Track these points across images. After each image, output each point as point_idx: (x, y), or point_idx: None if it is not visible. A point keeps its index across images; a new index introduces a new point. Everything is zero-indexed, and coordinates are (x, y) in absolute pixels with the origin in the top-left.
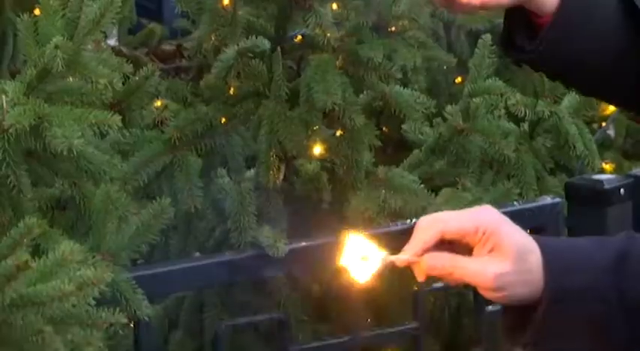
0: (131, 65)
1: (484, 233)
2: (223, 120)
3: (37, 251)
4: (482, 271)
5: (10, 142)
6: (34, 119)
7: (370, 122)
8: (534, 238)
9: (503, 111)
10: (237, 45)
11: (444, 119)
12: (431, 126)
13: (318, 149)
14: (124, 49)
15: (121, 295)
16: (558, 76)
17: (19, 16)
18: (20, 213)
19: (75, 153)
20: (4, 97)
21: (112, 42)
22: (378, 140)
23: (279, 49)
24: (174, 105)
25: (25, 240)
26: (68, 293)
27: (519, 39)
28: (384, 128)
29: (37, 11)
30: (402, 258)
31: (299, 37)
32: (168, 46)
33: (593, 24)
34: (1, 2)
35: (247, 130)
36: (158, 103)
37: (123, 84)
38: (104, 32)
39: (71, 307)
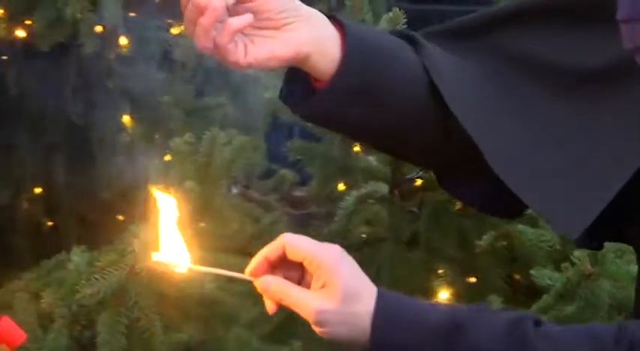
0: (261, 210)
1: (318, 267)
2: None
3: None
4: (307, 304)
5: (143, 285)
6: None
7: (498, 268)
8: (378, 289)
9: (632, 256)
10: (358, 190)
11: (572, 264)
12: (559, 271)
13: (445, 294)
14: (255, 195)
15: None
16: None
17: (150, 161)
18: None
19: (208, 298)
20: (136, 241)
21: (243, 188)
22: (506, 285)
23: (397, 192)
24: None
25: None
26: None
27: (297, 93)
28: (513, 274)
29: (168, 156)
30: (239, 275)
31: (418, 180)
32: (299, 192)
33: (381, 89)
34: (133, 147)
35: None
36: None
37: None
38: (235, 177)
39: None
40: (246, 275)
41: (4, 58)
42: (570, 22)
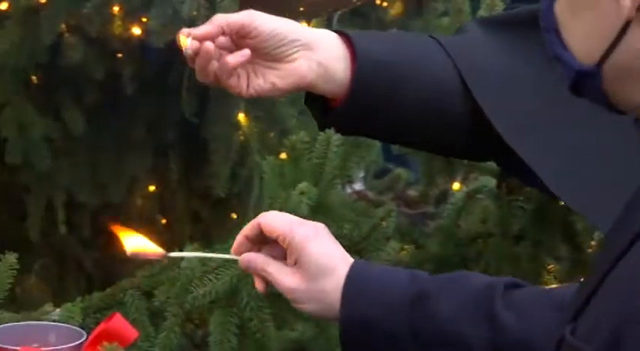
0: (376, 210)
1: (289, 244)
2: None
3: None
4: (280, 282)
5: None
6: None
7: None
8: (353, 262)
9: None
10: (467, 186)
11: None
12: None
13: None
14: (370, 194)
15: None
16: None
17: (265, 160)
18: None
19: None
20: None
21: (358, 186)
22: None
23: (504, 187)
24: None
25: None
26: None
27: (317, 108)
28: None
29: (283, 155)
30: (224, 256)
31: None
32: (413, 192)
33: (398, 104)
34: (247, 145)
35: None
36: (393, 245)
37: None
38: (350, 176)
39: None
40: (231, 255)
41: (120, 55)
42: None
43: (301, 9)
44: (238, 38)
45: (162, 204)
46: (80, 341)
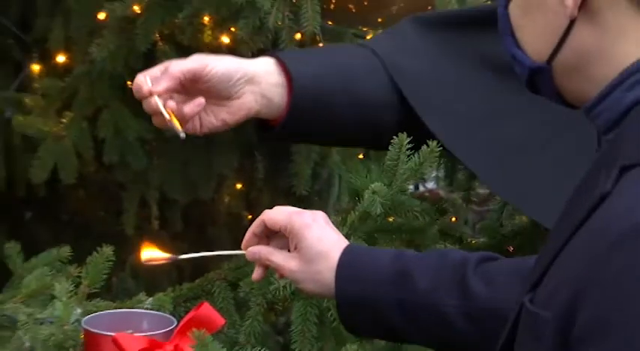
0: (447, 209)
1: (290, 232)
2: None
3: None
4: (282, 266)
5: None
6: None
7: None
8: (345, 246)
9: None
10: None
11: None
12: None
13: None
14: (442, 193)
15: None
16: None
17: (344, 162)
18: (341, 340)
19: None
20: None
21: (431, 185)
22: None
23: None
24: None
25: None
26: None
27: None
28: None
29: (360, 156)
30: (232, 252)
31: None
32: (482, 190)
33: (332, 113)
34: (328, 148)
35: None
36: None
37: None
38: (423, 177)
39: None
40: (238, 251)
41: None
42: None
43: (379, 20)
44: (191, 83)
45: (248, 201)
46: (171, 328)
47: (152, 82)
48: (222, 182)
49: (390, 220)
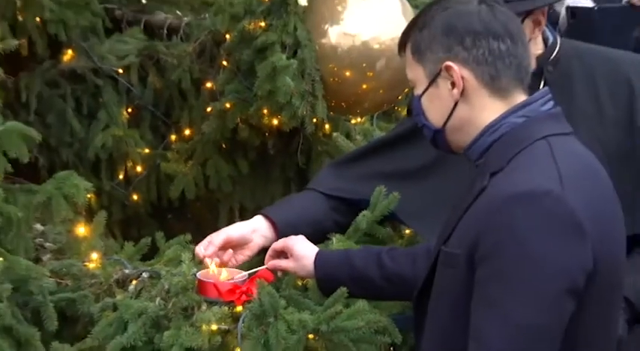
0: None
1: (286, 248)
2: None
3: None
4: (286, 266)
5: None
6: None
7: None
8: (318, 251)
9: None
10: None
11: None
12: None
13: None
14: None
15: None
16: None
17: None
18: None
19: None
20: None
21: None
22: None
23: None
24: None
25: None
26: None
27: None
28: None
29: None
30: (259, 268)
31: None
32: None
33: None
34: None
35: None
36: None
37: None
38: None
39: None
40: (262, 267)
41: None
42: (413, 142)
43: (366, 105)
44: (224, 243)
45: None
46: (244, 279)
47: (204, 249)
48: (274, 198)
49: None
